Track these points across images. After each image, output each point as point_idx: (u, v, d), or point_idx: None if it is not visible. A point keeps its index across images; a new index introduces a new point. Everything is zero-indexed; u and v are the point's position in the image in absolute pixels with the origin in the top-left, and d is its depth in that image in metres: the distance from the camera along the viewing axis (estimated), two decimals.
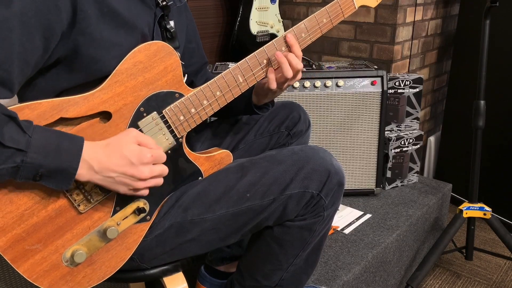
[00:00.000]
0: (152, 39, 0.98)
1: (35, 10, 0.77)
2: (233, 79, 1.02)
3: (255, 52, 1.04)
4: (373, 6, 1.20)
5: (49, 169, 0.77)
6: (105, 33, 0.86)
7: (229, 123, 1.29)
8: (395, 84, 1.95)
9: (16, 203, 0.82)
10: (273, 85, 1.04)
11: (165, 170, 0.90)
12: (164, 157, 0.89)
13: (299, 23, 1.07)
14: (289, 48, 1.05)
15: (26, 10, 0.76)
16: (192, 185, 1.02)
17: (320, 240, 1.07)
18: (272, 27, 2.23)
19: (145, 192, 0.89)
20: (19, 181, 0.77)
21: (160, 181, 0.90)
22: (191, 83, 1.21)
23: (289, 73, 1.02)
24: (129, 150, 0.84)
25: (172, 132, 0.97)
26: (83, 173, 0.81)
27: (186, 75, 1.21)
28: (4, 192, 0.80)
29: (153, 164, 0.87)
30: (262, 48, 1.04)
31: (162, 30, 1.00)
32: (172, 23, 1.02)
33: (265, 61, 1.05)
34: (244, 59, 1.03)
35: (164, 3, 0.99)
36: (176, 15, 1.06)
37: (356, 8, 1.14)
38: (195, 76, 1.23)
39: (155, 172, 0.87)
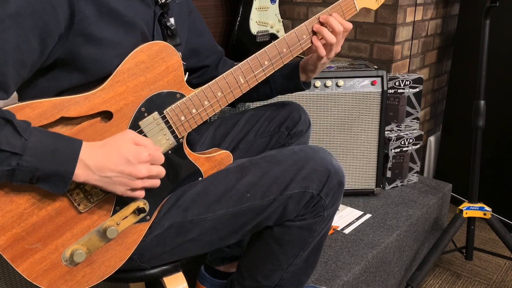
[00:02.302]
0: (153, 38, 0.98)
1: (31, 10, 0.77)
2: (234, 80, 1.02)
3: (256, 53, 1.04)
4: (374, 9, 1.20)
5: (45, 172, 0.77)
6: (105, 33, 0.86)
7: (229, 123, 1.29)
8: (395, 84, 1.95)
9: (16, 202, 0.81)
10: (322, 52, 1.08)
11: (162, 171, 0.89)
12: (162, 158, 0.89)
13: (301, 25, 1.07)
14: (291, 49, 1.06)
15: (22, 10, 0.76)
16: (192, 185, 1.02)
17: (320, 240, 1.06)
18: (272, 27, 2.23)
19: (142, 193, 0.89)
20: (15, 184, 0.77)
21: (157, 182, 0.90)
22: (213, 78, 1.20)
23: (331, 38, 1.06)
24: (126, 149, 0.83)
25: (173, 132, 0.97)
26: (79, 173, 0.80)
27: (189, 73, 1.19)
28: (5, 191, 0.80)
29: (151, 164, 0.87)
30: (263, 49, 1.04)
31: (162, 28, 1.00)
32: (172, 20, 1.01)
33: (266, 62, 1.05)
34: (245, 60, 1.03)
35: (163, 0, 0.98)
36: (176, 12, 1.06)
37: (357, 10, 1.14)
38: (216, 68, 1.23)
39: (152, 171, 0.87)
